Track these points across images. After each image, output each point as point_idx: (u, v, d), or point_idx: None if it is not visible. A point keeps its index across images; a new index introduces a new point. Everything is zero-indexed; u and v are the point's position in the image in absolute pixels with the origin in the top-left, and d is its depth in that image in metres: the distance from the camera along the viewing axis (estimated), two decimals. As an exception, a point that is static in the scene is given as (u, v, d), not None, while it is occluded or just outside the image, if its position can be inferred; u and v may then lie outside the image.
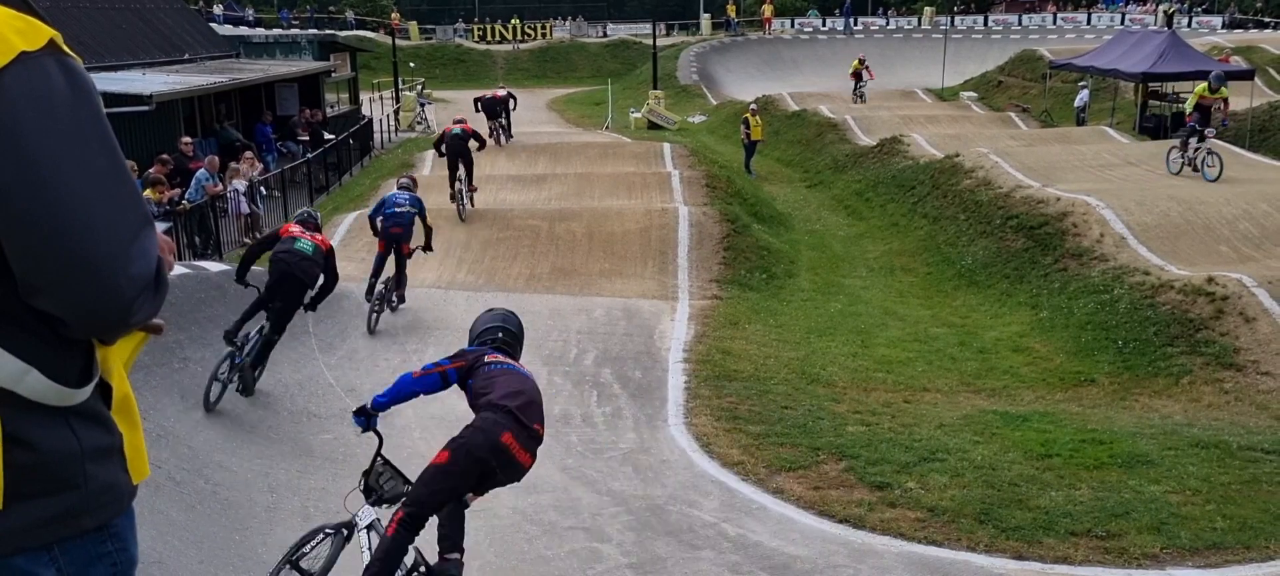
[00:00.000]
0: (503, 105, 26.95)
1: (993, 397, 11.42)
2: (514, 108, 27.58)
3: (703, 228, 17.40)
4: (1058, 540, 7.41)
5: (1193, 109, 19.68)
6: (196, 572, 6.04)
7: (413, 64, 43.91)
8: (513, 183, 22.06)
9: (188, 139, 19.40)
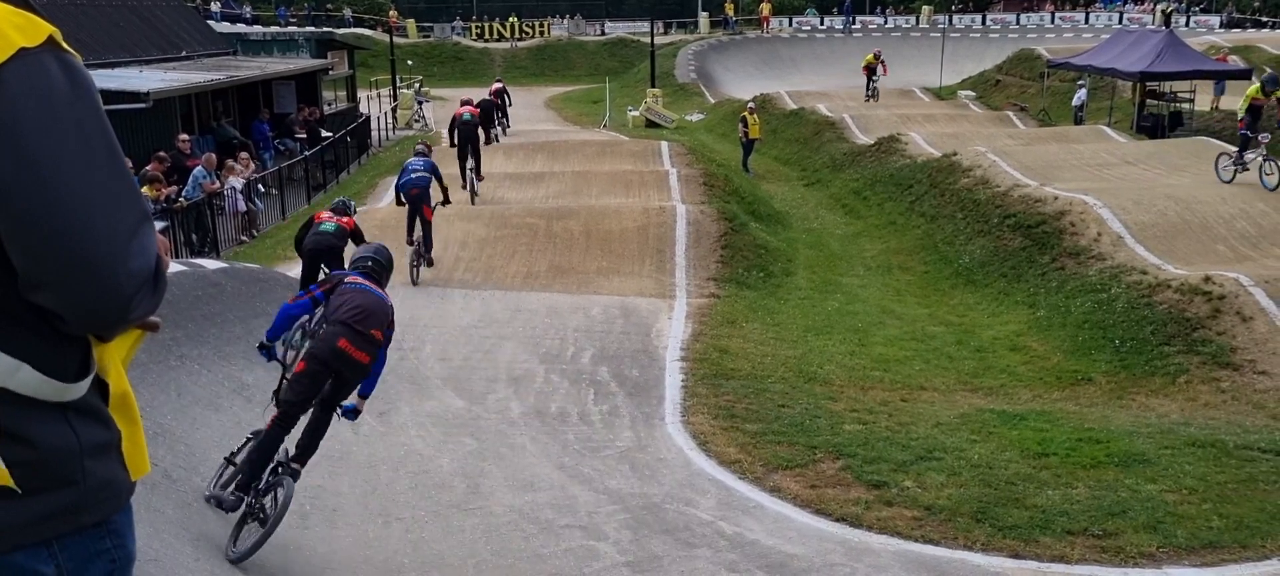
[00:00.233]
0: (496, 108, 26.55)
1: (990, 396, 11.43)
2: (510, 104, 27.53)
3: (700, 226, 17.40)
4: (1054, 539, 7.42)
5: (1245, 112, 18.21)
6: (193, 570, 6.02)
7: (410, 62, 43.85)
8: (510, 180, 22.05)
9: (185, 136, 19.39)
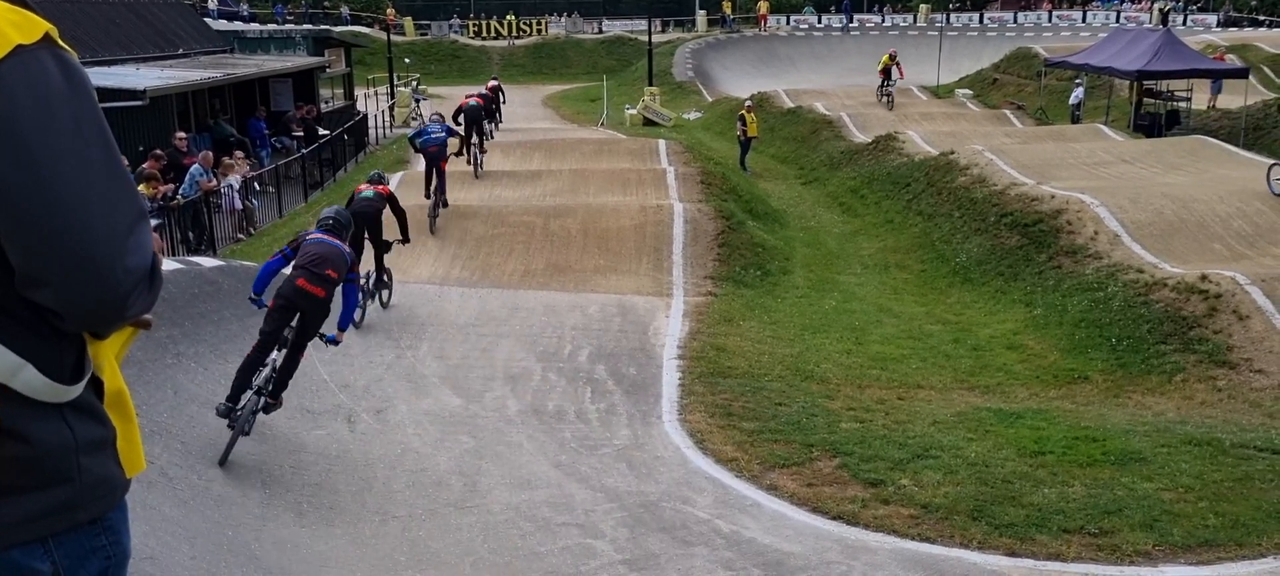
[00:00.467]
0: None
1: (986, 395, 11.44)
2: (504, 100, 27.37)
3: (697, 224, 17.41)
4: (1051, 537, 7.43)
5: None
6: (189, 568, 6.02)
7: (408, 60, 43.83)
8: (507, 178, 22.04)
9: (182, 134, 19.34)
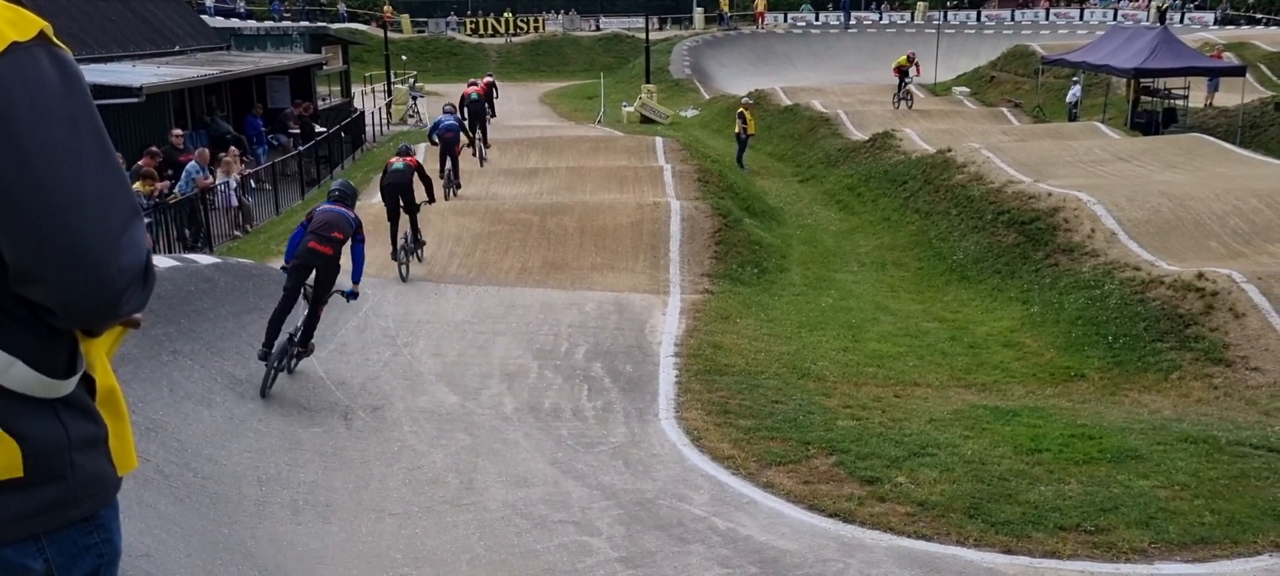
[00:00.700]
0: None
1: (983, 392, 11.44)
2: (496, 95, 27.31)
3: (694, 222, 17.40)
4: (1047, 534, 7.43)
5: None
6: (185, 565, 6.01)
7: (405, 57, 43.80)
8: (504, 176, 22.04)
9: (178, 131, 19.31)
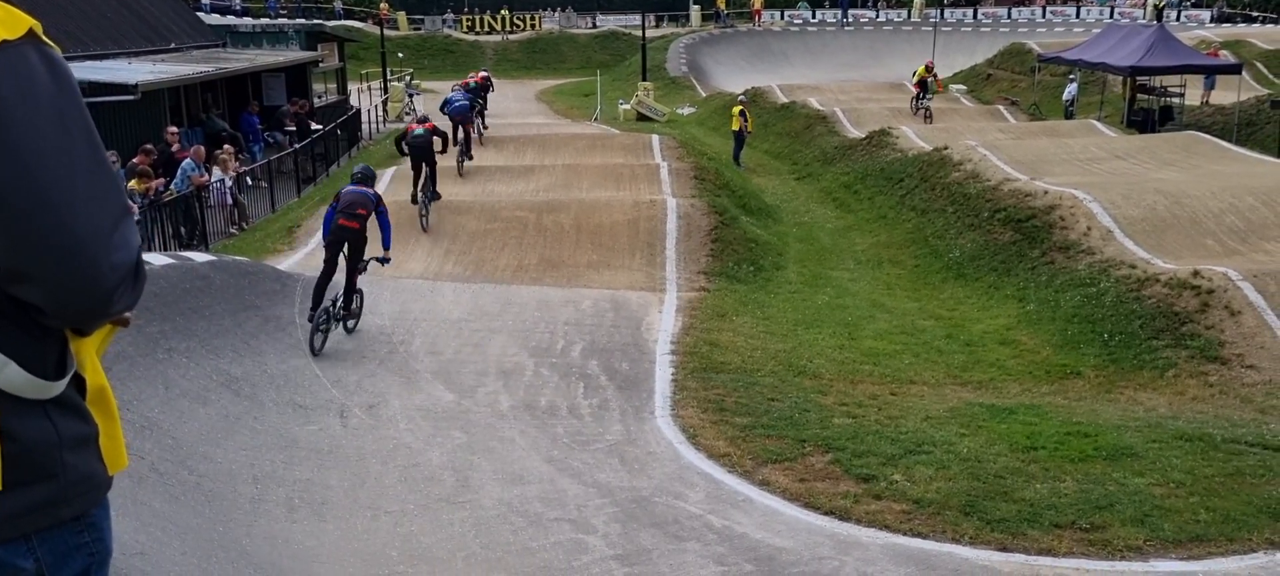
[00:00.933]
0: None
1: (979, 390, 11.44)
2: (491, 90, 27.38)
3: (691, 219, 17.39)
4: (1042, 532, 7.43)
5: None
6: (180, 563, 6.00)
7: (401, 54, 43.78)
8: (501, 173, 22.01)
9: (174, 129, 19.28)
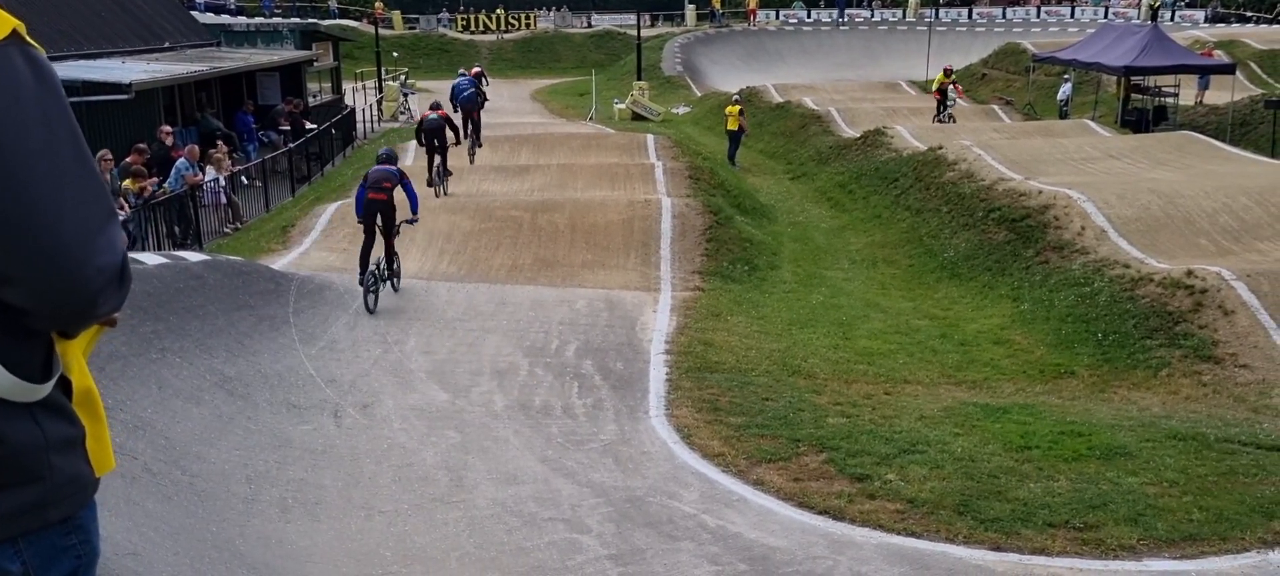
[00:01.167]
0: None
1: (973, 390, 11.45)
2: (487, 83, 27.51)
3: (686, 219, 17.39)
4: (1036, 531, 7.44)
5: None
6: (172, 564, 5.99)
7: (396, 54, 43.75)
8: (495, 173, 22.00)
9: (168, 128, 19.25)
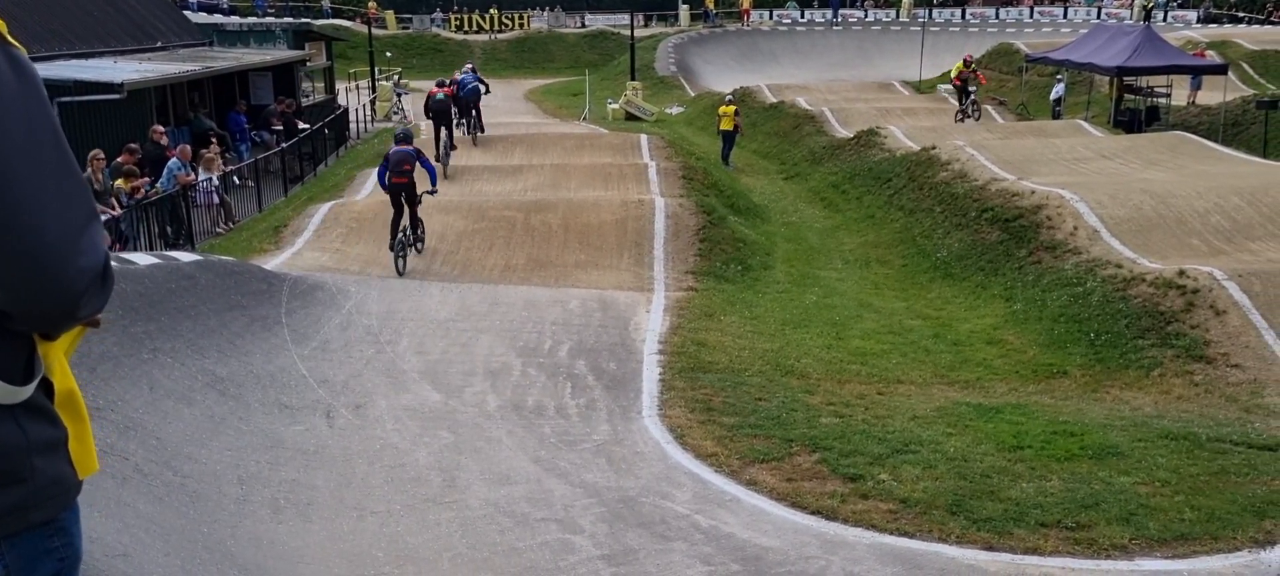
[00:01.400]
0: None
1: (966, 389, 11.46)
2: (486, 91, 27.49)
3: (679, 219, 17.39)
4: (1028, 531, 7.44)
5: None
6: (163, 565, 5.96)
7: (389, 54, 43.67)
8: (489, 173, 21.97)
9: (160, 128, 19.20)
